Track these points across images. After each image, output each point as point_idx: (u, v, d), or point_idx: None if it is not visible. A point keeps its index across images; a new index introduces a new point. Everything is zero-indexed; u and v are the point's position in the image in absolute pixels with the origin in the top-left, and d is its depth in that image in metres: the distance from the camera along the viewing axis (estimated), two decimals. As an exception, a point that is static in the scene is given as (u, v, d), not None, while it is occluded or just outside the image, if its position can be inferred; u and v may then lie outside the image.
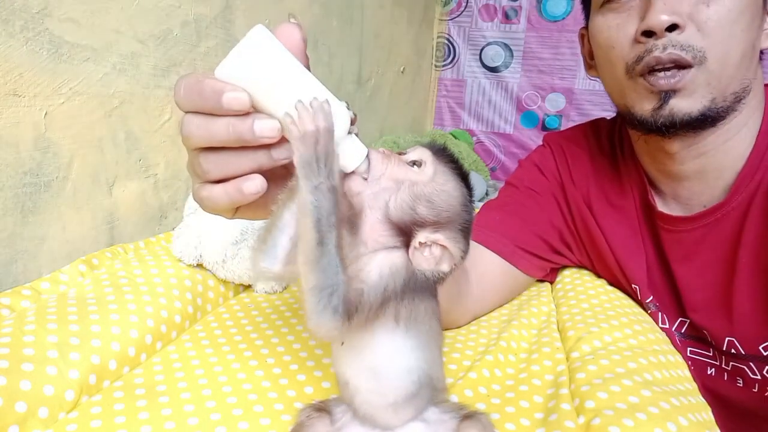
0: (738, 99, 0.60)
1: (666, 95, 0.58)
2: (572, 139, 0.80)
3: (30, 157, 0.67)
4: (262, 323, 0.64)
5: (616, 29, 0.61)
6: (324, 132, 0.34)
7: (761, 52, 0.62)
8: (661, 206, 0.70)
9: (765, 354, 0.64)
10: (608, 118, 0.81)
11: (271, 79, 0.35)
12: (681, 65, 0.57)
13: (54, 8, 0.67)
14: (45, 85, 0.67)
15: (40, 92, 0.67)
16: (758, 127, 0.63)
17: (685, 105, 0.58)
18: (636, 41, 0.59)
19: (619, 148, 0.76)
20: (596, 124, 0.81)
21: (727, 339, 0.66)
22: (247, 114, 0.35)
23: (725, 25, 0.56)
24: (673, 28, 0.56)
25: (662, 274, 0.72)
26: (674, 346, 0.65)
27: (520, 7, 2.35)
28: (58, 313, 0.53)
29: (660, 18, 0.56)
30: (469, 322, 0.70)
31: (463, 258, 0.40)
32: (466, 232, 0.40)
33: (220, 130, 0.35)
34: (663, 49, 0.57)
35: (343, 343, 0.40)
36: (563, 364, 0.58)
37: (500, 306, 0.75)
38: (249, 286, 0.74)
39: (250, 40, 0.34)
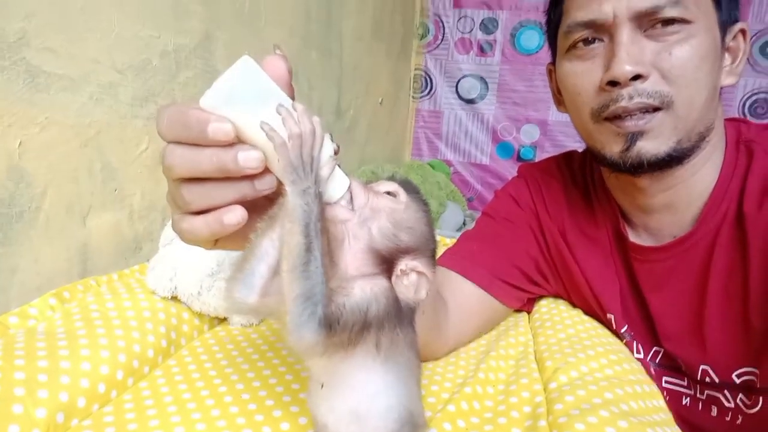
0: (702, 138, 0.63)
1: (633, 137, 0.60)
2: (546, 170, 0.82)
3: (2, 187, 0.66)
4: (237, 357, 0.63)
5: (582, 76, 0.63)
6: (309, 135, 0.34)
7: (720, 89, 0.65)
8: (632, 237, 0.71)
9: (738, 381, 0.65)
10: (580, 150, 0.83)
11: (255, 109, 0.35)
12: (648, 110, 0.59)
13: (32, 37, 0.67)
14: (20, 114, 0.66)
15: (15, 121, 0.66)
16: (721, 160, 0.66)
17: (651, 146, 0.60)
18: (601, 89, 0.61)
19: (590, 179, 0.77)
20: (569, 156, 0.83)
21: (701, 367, 0.67)
22: (231, 145, 0.35)
23: (689, 70, 0.58)
24: (637, 77, 0.58)
25: (636, 303, 0.73)
26: (649, 376, 0.65)
27: (495, 41, 2.42)
28: (26, 349, 0.51)
29: (624, 68, 0.58)
30: (448, 354, 0.70)
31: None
32: (434, 258, 0.41)
33: (204, 160, 0.35)
34: (629, 98, 0.59)
35: (323, 386, 0.39)
36: (541, 395, 0.58)
37: (479, 336, 0.75)
38: (225, 319, 0.73)
39: (236, 70, 0.34)
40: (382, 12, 2.00)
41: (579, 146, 0.84)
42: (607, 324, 0.75)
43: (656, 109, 0.59)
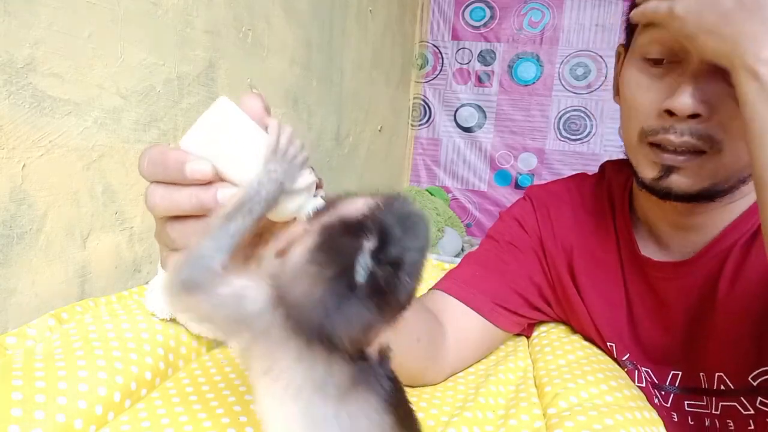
0: (743, 182, 0.61)
1: (668, 168, 0.59)
2: (555, 193, 0.80)
3: (4, 209, 0.66)
4: (235, 380, 0.62)
5: (644, 92, 0.60)
6: (297, 150, 0.35)
7: None
8: (654, 257, 0.69)
9: (756, 384, 0.63)
10: (590, 173, 0.82)
11: (234, 148, 0.35)
12: (692, 151, 0.57)
13: (39, 63, 0.68)
14: (25, 137, 0.67)
15: (19, 144, 0.67)
16: None
17: (684, 183, 0.59)
18: (658, 114, 0.58)
19: (608, 202, 0.76)
20: (580, 179, 0.82)
21: (716, 375, 0.66)
22: (210, 183, 0.35)
23: None
24: (695, 116, 0.55)
25: (656, 327, 0.71)
26: (652, 404, 0.65)
27: (493, 71, 2.46)
28: (24, 369, 0.51)
29: (686, 102, 0.55)
30: (446, 380, 0.69)
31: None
32: None
33: (183, 199, 0.36)
34: (680, 134, 0.56)
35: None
36: (540, 421, 0.58)
37: (477, 362, 0.75)
38: (223, 342, 0.73)
39: (213, 111, 0.35)
40: (382, 43, 2.04)
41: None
42: (607, 352, 0.74)
43: (702, 152, 0.57)
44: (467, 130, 2.52)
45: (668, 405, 0.70)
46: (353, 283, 0.30)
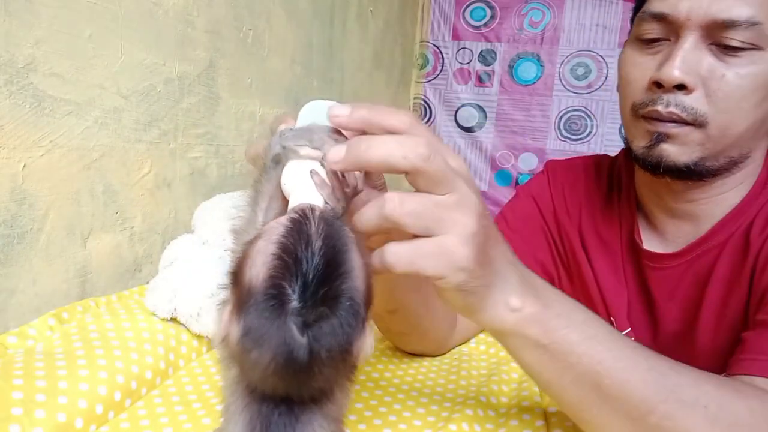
0: (734, 163, 0.62)
1: (658, 136, 0.61)
2: (572, 168, 0.83)
3: (5, 209, 0.66)
4: (236, 379, 0.62)
5: (636, 68, 0.63)
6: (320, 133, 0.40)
7: None
8: (646, 245, 0.72)
9: None
10: (611, 155, 0.84)
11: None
12: (678, 122, 0.59)
13: (40, 63, 0.68)
14: (25, 137, 0.67)
15: (20, 144, 0.67)
16: (751, 185, 0.66)
17: (673, 152, 0.61)
18: (648, 87, 0.61)
19: (617, 182, 0.78)
20: (597, 160, 0.84)
21: None
22: None
23: (734, 98, 0.57)
24: (682, 87, 0.58)
25: (644, 311, 0.73)
26: None
27: (493, 71, 2.46)
28: (25, 369, 0.51)
29: (672, 73, 0.57)
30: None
31: None
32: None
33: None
34: (666, 105, 0.59)
35: None
36: (541, 420, 0.58)
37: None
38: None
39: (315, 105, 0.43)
40: (383, 43, 2.04)
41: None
42: None
43: (687, 124, 0.59)
44: (468, 130, 2.52)
45: None
46: (297, 353, 0.30)
